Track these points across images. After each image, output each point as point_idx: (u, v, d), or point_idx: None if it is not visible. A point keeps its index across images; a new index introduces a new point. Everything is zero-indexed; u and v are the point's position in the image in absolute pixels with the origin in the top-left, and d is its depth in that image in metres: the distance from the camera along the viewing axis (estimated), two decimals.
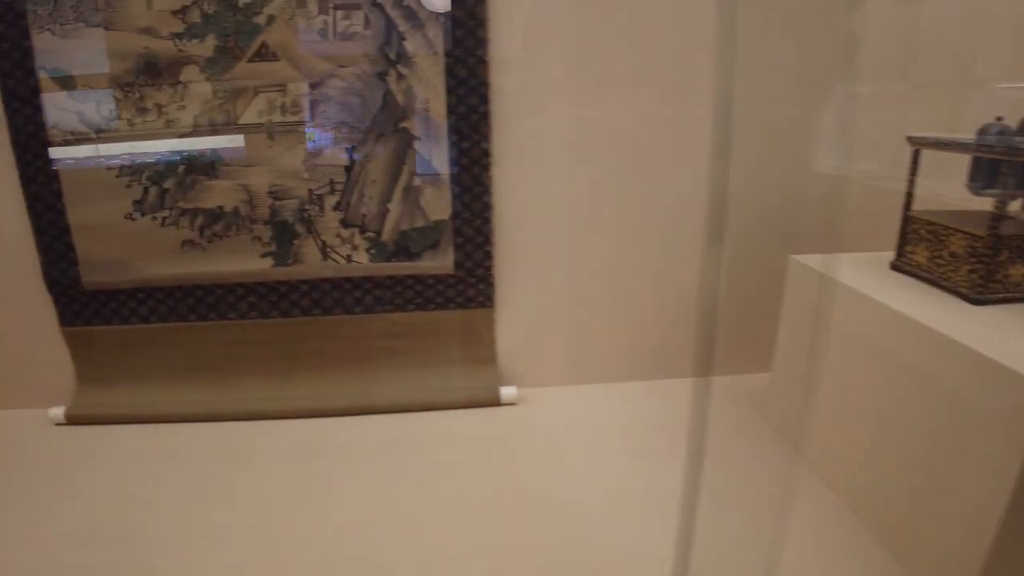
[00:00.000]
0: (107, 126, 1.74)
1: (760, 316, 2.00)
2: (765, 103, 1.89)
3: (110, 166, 1.77)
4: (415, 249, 1.88)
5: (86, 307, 1.88)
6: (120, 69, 1.70)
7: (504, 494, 1.58)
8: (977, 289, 1.40)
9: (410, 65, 1.74)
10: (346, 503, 1.55)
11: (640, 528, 1.46)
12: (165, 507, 1.54)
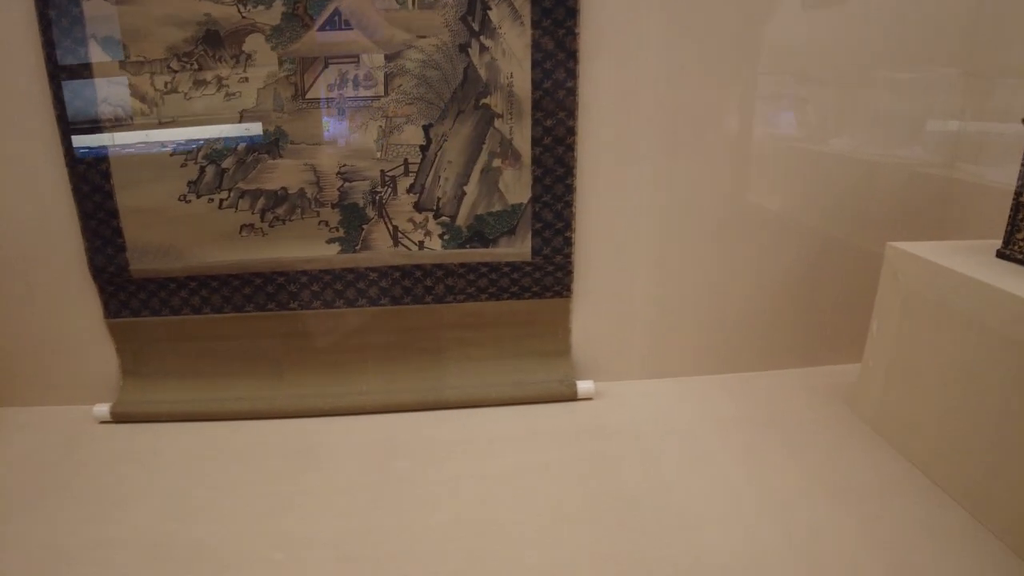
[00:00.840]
0: (162, 100, 1.59)
1: (842, 307, 1.97)
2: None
3: (164, 144, 1.65)
4: (491, 235, 1.78)
5: (133, 296, 1.74)
6: (178, 38, 1.56)
7: (603, 497, 1.48)
8: None
9: (494, 36, 1.62)
10: (435, 508, 1.45)
11: (749, 529, 1.38)
12: (231, 514, 1.43)
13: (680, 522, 1.41)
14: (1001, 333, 1.38)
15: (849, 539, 1.36)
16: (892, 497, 1.50)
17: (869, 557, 1.31)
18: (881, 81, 1.90)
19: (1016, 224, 1.53)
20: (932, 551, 1.33)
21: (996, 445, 1.39)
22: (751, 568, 1.28)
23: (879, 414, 1.74)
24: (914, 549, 1.33)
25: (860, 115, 1.92)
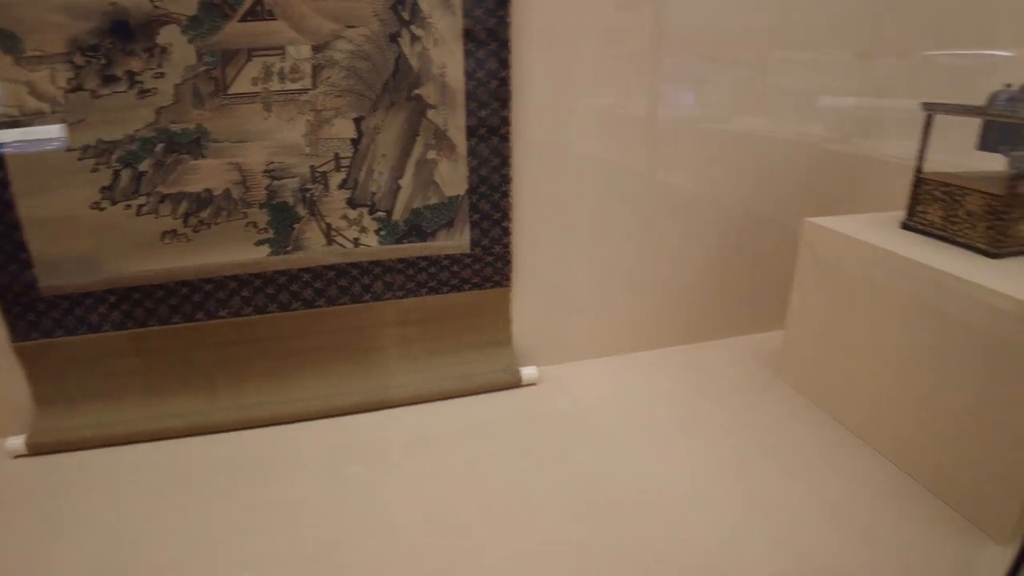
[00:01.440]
0: (65, 99, 1.46)
1: (762, 278, 2.10)
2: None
3: (70, 147, 1.49)
4: (429, 228, 1.75)
5: (44, 316, 1.58)
6: (81, 29, 1.42)
7: (563, 480, 1.52)
8: (995, 243, 1.51)
9: (425, 26, 1.59)
10: (399, 511, 1.42)
11: (705, 497, 1.46)
12: (186, 539, 1.34)
13: (640, 497, 1.46)
14: (909, 296, 1.52)
15: (796, 496, 1.47)
16: (823, 454, 1.62)
17: (813, 511, 1.43)
18: (781, 62, 2.02)
19: (917, 198, 1.68)
20: (867, 503, 1.46)
21: (914, 399, 1.53)
22: (715, 534, 1.36)
23: (803, 378, 1.87)
24: (851, 502, 1.46)
25: (763, 95, 2.03)
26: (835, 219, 1.78)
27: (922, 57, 2.09)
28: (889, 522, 1.40)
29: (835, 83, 2.09)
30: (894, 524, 1.40)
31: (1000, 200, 1.50)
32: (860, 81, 2.08)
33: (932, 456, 1.50)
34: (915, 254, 1.55)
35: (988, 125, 1.59)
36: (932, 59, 2.10)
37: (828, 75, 2.07)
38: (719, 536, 1.36)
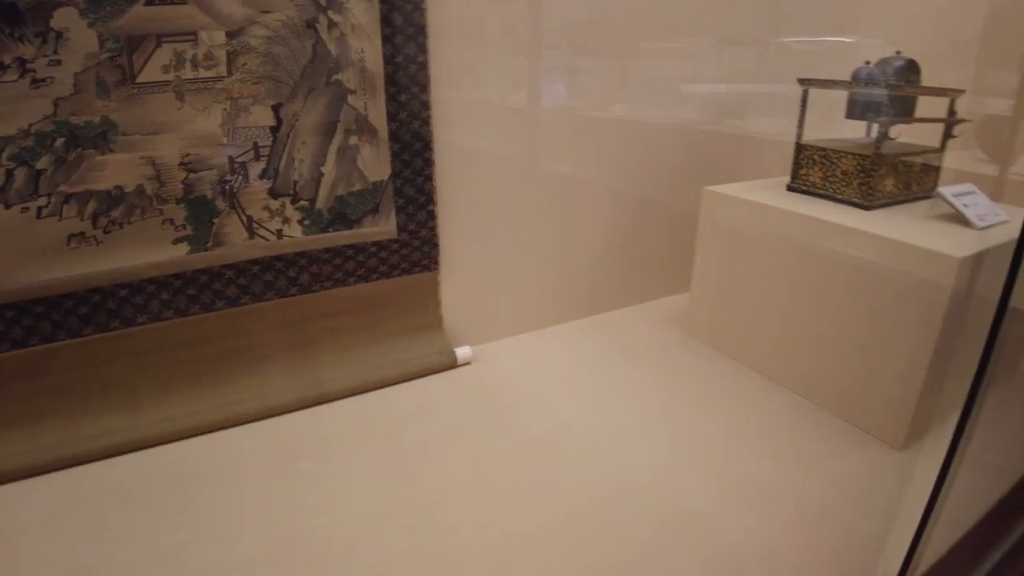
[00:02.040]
0: None
1: (664, 248, 2.28)
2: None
3: None
4: (354, 215, 1.72)
5: None
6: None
7: (513, 449, 1.57)
8: (867, 197, 1.75)
9: (342, 11, 1.57)
10: (357, 498, 1.41)
11: (643, 444, 1.59)
12: (138, 562, 1.23)
13: (582, 448, 1.57)
14: (799, 246, 1.73)
15: (716, 429, 1.65)
16: (736, 393, 1.81)
17: (733, 438, 1.61)
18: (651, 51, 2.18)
19: (799, 163, 1.90)
20: (780, 428, 1.66)
21: (809, 335, 1.75)
22: (651, 468, 1.50)
23: (710, 331, 2.06)
24: (766, 429, 1.65)
25: (644, 84, 2.20)
26: (730, 186, 1.98)
27: (778, 43, 2.34)
28: (802, 442, 1.60)
29: (703, 69, 2.28)
30: (806, 443, 1.60)
31: (869, 160, 1.73)
32: (723, 67, 2.28)
33: (830, 383, 1.72)
34: (801, 209, 1.76)
35: (852, 98, 1.84)
36: (786, 45, 2.36)
37: (695, 62, 2.26)
38: (655, 469, 1.50)
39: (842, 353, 1.69)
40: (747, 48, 2.30)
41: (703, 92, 2.30)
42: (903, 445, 1.57)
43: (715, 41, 2.25)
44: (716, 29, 2.21)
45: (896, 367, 1.57)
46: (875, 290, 1.59)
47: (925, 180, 1.86)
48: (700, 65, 2.26)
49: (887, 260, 1.56)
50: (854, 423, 1.66)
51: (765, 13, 2.27)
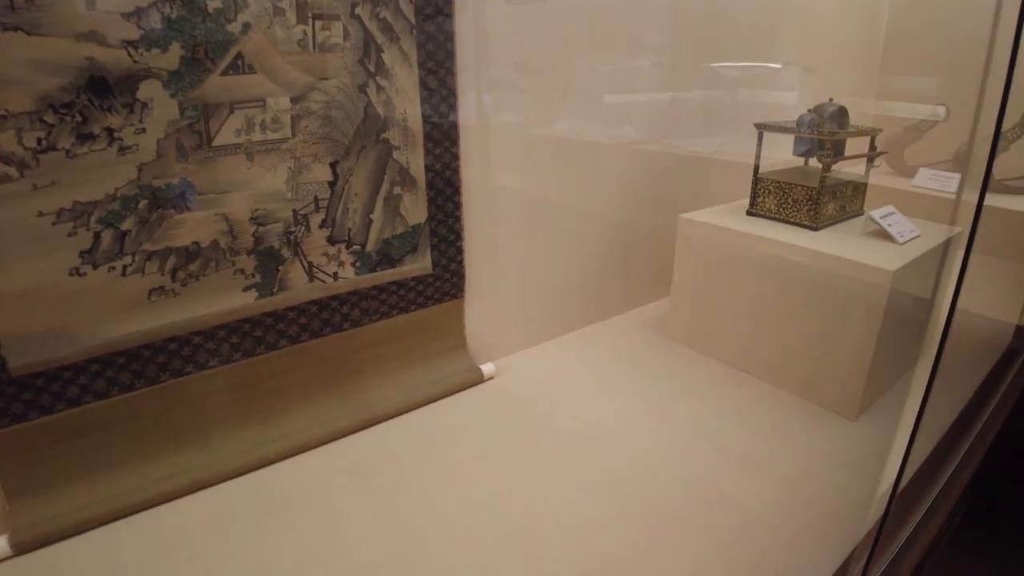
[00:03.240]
0: (35, 160, 1.24)
1: (641, 262, 2.47)
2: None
3: (42, 211, 1.28)
4: (397, 255, 1.77)
5: (14, 400, 1.32)
6: (53, 85, 1.23)
7: (554, 447, 1.70)
8: (814, 220, 2.00)
9: (388, 77, 1.62)
10: (446, 501, 1.49)
11: (654, 433, 1.77)
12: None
13: (611, 446, 1.73)
14: (760, 262, 1.97)
15: (702, 414, 1.86)
16: (714, 384, 2.03)
17: (718, 419, 1.84)
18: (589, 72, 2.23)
19: (757, 193, 2.12)
20: (754, 409, 1.89)
21: (772, 331, 2.00)
22: (659, 449, 1.70)
23: (688, 335, 2.25)
24: (742, 410, 1.89)
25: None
26: (700, 212, 2.19)
27: (708, 68, 2.52)
28: (777, 419, 1.85)
29: (641, 90, 2.37)
30: (781, 420, 1.85)
31: (815, 191, 1.99)
32: (659, 89, 2.41)
33: (795, 370, 1.97)
34: (763, 233, 1.99)
35: (798, 139, 2.10)
36: (716, 70, 2.55)
37: (635, 82, 2.34)
38: (668, 452, 1.69)
39: (803, 346, 1.94)
40: (680, 72, 2.44)
41: (641, 112, 2.42)
42: (856, 416, 1.85)
43: (650, 63, 2.36)
44: (652, 53, 2.33)
45: (848, 355, 1.84)
46: (827, 294, 1.85)
47: (855, 201, 2.16)
48: (639, 86, 2.37)
49: (836, 272, 1.82)
50: (816, 403, 1.92)
51: (699, 40, 2.44)
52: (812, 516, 1.48)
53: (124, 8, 1.27)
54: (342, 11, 1.52)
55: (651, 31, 2.30)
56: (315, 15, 1.48)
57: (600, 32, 2.10)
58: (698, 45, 2.44)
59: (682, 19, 2.33)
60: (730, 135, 2.63)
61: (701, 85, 2.52)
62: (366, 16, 1.55)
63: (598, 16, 2.07)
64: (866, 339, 1.79)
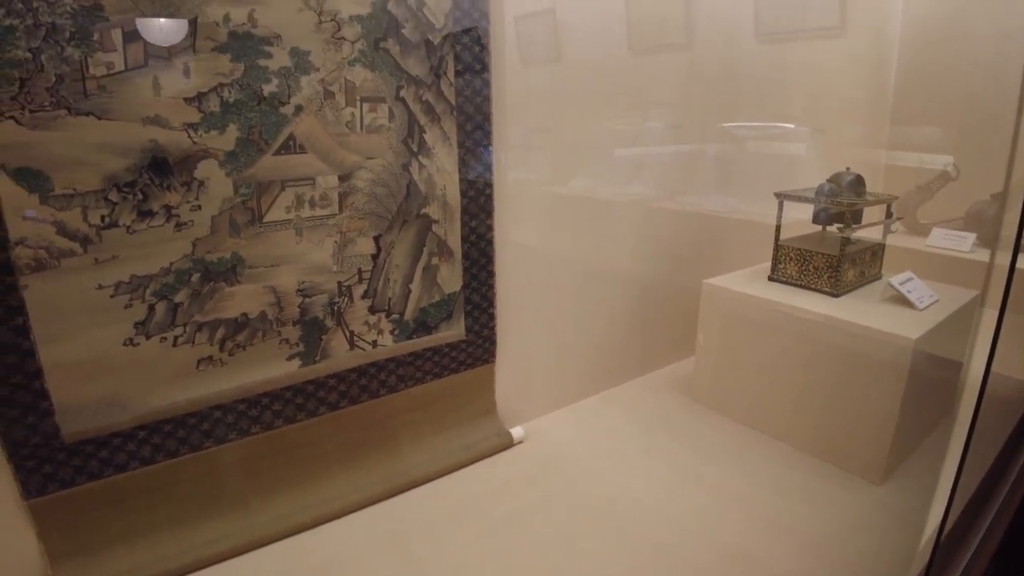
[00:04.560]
0: (98, 236, 1.22)
1: (664, 322, 2.38)
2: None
3: (102, 284, 1.24)
4: (432, 323, 1.72)
5: (64, 465, 1.26)
6: (119, 166, 1.21)
7: (586, 512, 1.61)
8: (835, 287, 1.92)
9: (430, 156, 1.60)
10: (485, 571, 1.39)
11: (683, 496, 1.67)
12: None
13: (641, 510, 1.63)
14: (782, 327, 1.90)
15: (736, 479, 1.75)
16: (736, 446, 1.93)
17: (742, 480, 1.74)
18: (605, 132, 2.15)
19: (778, 259, 2.05)
20: (776, 471, 1.79)
21: (793, 394, 1.90)
22: (702, 521, 1.59)
23: (712, 396, 2.15)
24: (765, 472, 1.79)
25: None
26: (723, 278, 2.11)
27: (720, 128, 2.45)
28: (803, 483, 1.74)
29: (653, 149, 2.29)
30: (806, 483, 1.74)
31: (835, 259, 1.92)
32: (674, 148, 2.33)
33: (818, 433, 1.87)
34: (785, 300, 1.93)
35: (817, 207, 2.02)
36: (729, 130, 2.47)
37: (647, 142, 2.27)
38: (697, 515, 1.61)
39: (827, 410, 1.84)
40: (692, 131, 2.37)
41: (652, 170, 2.34)
42: (882, 480, 1.74)
43: (664, 125, 2.29)
44: (666, 114, 2.27)
45: (872, 420, 1.74)
46: (850, 360, 1.77)
47: (874, 266, 2.09)
48: (651, 144, 2.30)
49: (858, 338, 1.75)
50: (841, 466, 1.80)
51: (711, 101, 2.37)
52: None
53: (187, 93, 1.26)
54: (388, 94, 1.51)
55: (664, 91, 2.24)
56: (363, 98, 1.47)
57: (614, 93, 2.05)
58: (710, 104, 2.38)
59: (694, 79, 2.28)
60: (745, 194, 2.56)
61: (714, 145, 2.46)
62: (410, 99, 1.54)
63: (611, 78, 2.02)
64: (890, 405, 1.70)
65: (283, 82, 1.36)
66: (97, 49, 1.16)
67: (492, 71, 1.66)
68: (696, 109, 2.33)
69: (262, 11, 1.31)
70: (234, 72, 1.30)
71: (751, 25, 2.44)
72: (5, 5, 1.08)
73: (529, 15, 1.78)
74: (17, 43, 1.10)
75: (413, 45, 1.52)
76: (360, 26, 1.44)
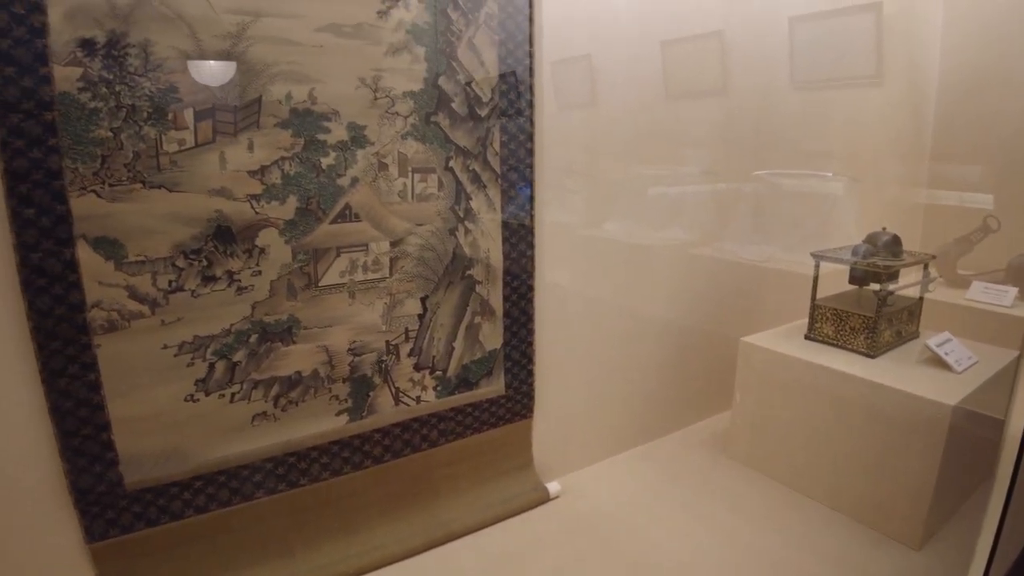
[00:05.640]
0: (165, 300, 1.24)
1: (702, 376, 2.28)
2: None
3: (167, 344, 1.26)
4: (474, 379, 1.68)
5: (125, 512, 1.26)
6: (186, 235, 1.24)
7: (623, 572, 1.53)
8: (872, 348, 1.82)
9: (475, 221, 1.59)
10: None
11: (717, 555, 1.58)
12: None
13: (677, 568, 1.55)
14: (818, 386, 1.79)
15: (774, 542, 1.64)
16: (773, 506, 1.82)
17: (778, 542, 1.63)
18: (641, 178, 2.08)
19: (815, 318, 1.95)
20: (813, 534, 1.67)
21: (831, 455, 1.78)
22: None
23: (749, 454, 2.04)
24: (802, 534, 1.67)
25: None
26: (760, 335, 2.02)
27: (756, 175, 2.34)
28: (842, 547, 1.62)
29: (689, 195, 2.20)
30: (846, 548, 1.62)
31: (872, 320, 1.82)
32: (709, 194, 2.24)
33: (855, 495, 1.75)
34: (821, 360, 1.82)
35: (853, 268, 1.93)
36: (764, 177, 2.36)
37: (683, 188, 2.19)
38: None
39: (864, 472, 1.72)
40: (727, 178, 2.27)
41: (689, 215, 2.24)
42: (920, 545, 1.61)
43: (699, 171, 2.21)
44: (702, 160, 2.19)
45: (909, 483, 1.62)
46: (886, 422, 1.66)
47: (911, 324, 1.97)
48: (686, 191, 2.21)
49: (895, 402, 1.64)
50: (879, 530, 1.68)
51: (744, 149, 2.28)
52: None
53: (250, 167, 1.28)
54: (438, 165, 1.51)
55: (700, 136, 2.16)
56: (414, 169, 1.48)
57: (649, 138, 1.99)
58: (746, 150, 2.28)
59: (730, 125, 2.20)
60: (781, 242, 2.44)
61: (750, 191, 2.35)
62: (458, 168, 1.54)
63: (647, 122, 1.96)
64: (927, 469, 1.58)
65: (340, 155, 1.38)
66: (171, 127, 1.20)
67: (536, 141, 1.66)
68: (732, 155, 2.25)
69: (322, 89, 1.34)
70: (295, 146, 1.32)
71: (787, 72, 2.37)
72: (92, 89, 1.13)
73: (565, 60, 1.74)
74: (101, 123, 1.14)
75: (462, 118, 1.53)
76: (413, 101, 1.46)
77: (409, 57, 1.43)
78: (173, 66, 1.18)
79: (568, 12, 1.68)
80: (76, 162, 1.12)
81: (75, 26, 1.09)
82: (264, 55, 1.26)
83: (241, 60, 1.24)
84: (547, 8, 1.61)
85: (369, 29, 1.37)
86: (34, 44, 1.06)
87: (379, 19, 1.38)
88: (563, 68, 1.74)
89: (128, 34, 1.13)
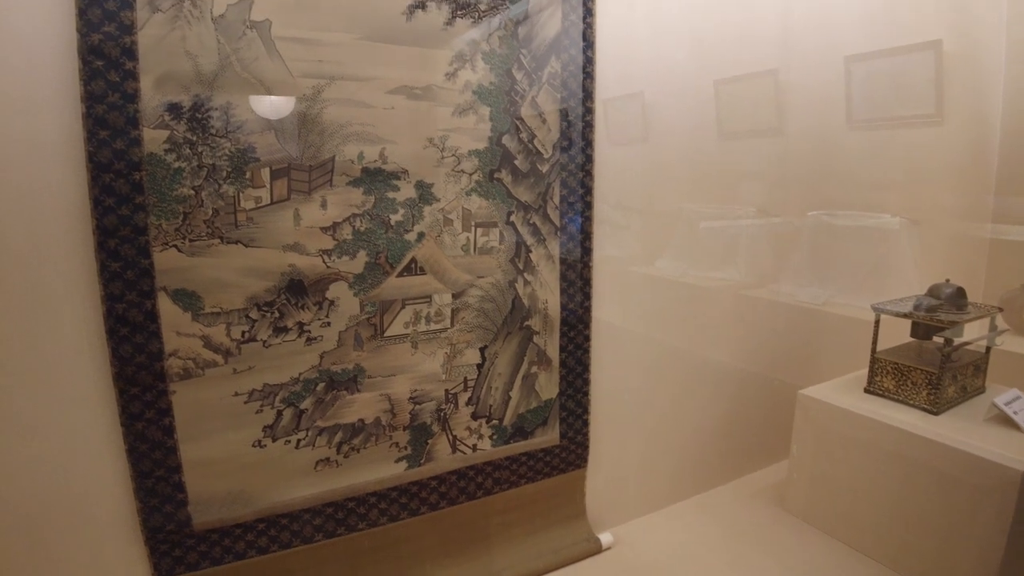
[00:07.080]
0: (238, 349, 1.20)
1: (760, 426, 2.09)
2: None
3: (238, 392, 1.21)
4: (529, 428, 1.57)
5: (192, 551, 1.21)
6: (260, 288, 1.19)
7: None
8: (934, 404, 1.62)
9: (534, 272, 1.50)
10: None
11: None
12: None
13: None
14: (878, 443, 1.60)
15: None
16: (838, 568, 1.61)
17: None
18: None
19: (874, 372, 1.77)
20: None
21: (892, 516, 1.58)
22: None
23: (806, 509, 1.84)
24: None
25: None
26: (818, 388, 1.83)
27: (813, 215, 2.18)
28: None
29: (743, 235, 2.03)
30: None
31: (935, 376, 1.63)
32: (764, 233, 2.07)
33: (917, 558, 1.54)
34: (881, 416, 1.63)
35: (916, 322, 1.74)
36: (821, 217, 2.20)
37: (735, 227, 2.02)
38: None
39: (927, 534, 1.52)
40: (782, 218, 2.09)
41: (743, 256, 2.06)
42: None
43: (754, 208, 2.03)
44: (756, 199, 2.02)
45: (976, 549, 1.41)
46: (951, 484, 1.46)
47: (976, 379, 1.75)
48: (740, 230, 2.03)
49: (960, 463, 1.44)
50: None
51: (799, 189, 2.11)
52: None
53: (323, 223, 1.24)
54: (500, 219, 1.44)
55: (754, 174, 2.00)
56: (477, 224, 1.41)
57: (704, 176, 1.85)
58: (802, 190, 2.12)
59: (786, 164, 2.04)
60: (838, 285, 2.23)
61: (807, 232, 2.17)
62: (519, 223, 1.47)
63: (703, 160, 1.83)
64: (996, 535, 1.37)
65: (408, 212, 1.32)
66: (248, 186, 1.17)
67: (595, 194, 1.57)
68: (789, 195, 2.09)
69: (392, 149, 1.29)
70: (365, 204, 1.27)
71: (843, 111, 2.20)
72: (177, 150, 1.11)
73: (619, 98, 1.63)
74: (184, 182, 1.11)
75: (523, 174, 1.46)
76: (477, 159, 1.40)
77: (475, 117, 1.38)
78: (252, 127, 1.16)
79: (627, 52, 1.58)
80: (160, 219, 1.10)
81: (164, 92, 1.08)
82: (338, 116, 1.23)
83: (316, 121, 1.21)
84: (605, 57, 1.53)
85: (438, 91, 1.33)
86: (126, 109, 1.05)
87: (447, 81, 1.34)
88: (619, 113, 1.64)
89: (212, 98, 1.12)
